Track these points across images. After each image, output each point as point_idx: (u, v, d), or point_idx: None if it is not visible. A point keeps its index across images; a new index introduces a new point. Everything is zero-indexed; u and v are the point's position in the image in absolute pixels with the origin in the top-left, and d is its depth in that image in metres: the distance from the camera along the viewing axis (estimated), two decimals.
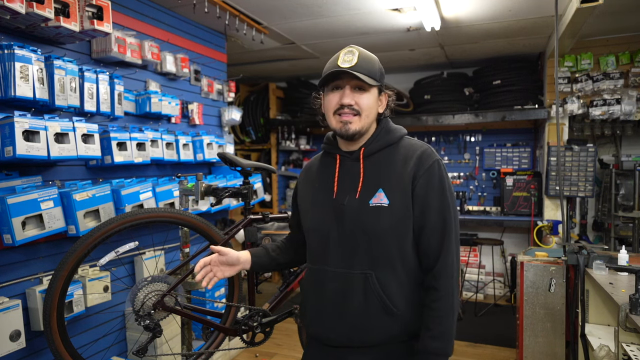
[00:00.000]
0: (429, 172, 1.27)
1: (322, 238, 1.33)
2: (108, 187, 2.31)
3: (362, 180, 1.29)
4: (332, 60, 1.30)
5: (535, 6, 3.20)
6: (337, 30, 3.75)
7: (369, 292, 1.24)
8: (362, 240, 1.26)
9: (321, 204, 1.35)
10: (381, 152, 1.33)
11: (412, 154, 1.30)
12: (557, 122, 2.77)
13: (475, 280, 4.96)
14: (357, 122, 1.27)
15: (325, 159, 1.43)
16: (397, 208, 1.25)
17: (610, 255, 2.37)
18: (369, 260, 1.26)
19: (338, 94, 1.28)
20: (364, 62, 1.26)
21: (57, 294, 1.83)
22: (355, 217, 1.27)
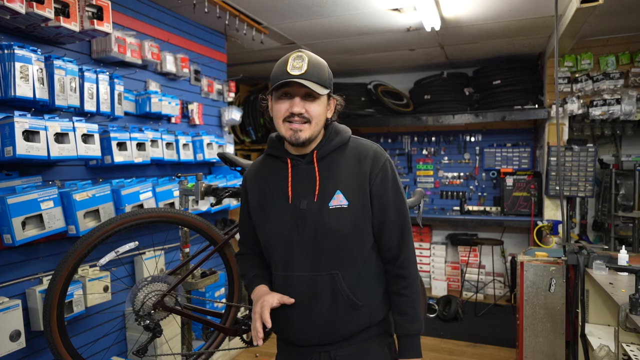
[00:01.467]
0: (384, 171, 1.33)
1: (284, 245, 1.32)
2: (108, 187, 2.31)
3: (318, 183, 1.29)
4: (280, 65, 1.27)
5: (535, 6, 3.20)
6: (337, 30, 3.75)
7: (336, 292, 1.28)
8: (326, 243, 1.28)
9: (278, 211, 1.33)
10: (333, 154, 1.34)
11: (365, 154, 1.34)
12: (557, 122, 2.77)
13: (475, 280, 4.96)
14: (308, 129, 1.26)
15: (273, 163, 1.39)
16: (357, 207, 1.29)
17: (610, 255, 2.37)
18: (334, 261, 1.28)
19: (288, 102, 1.26)
20: (314, 69, 1.24)
21: (57, 294, 1.83)
22: (316, 221, 1.28)
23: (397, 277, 1.36)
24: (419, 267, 5.27)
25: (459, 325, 4.13)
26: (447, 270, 5.26)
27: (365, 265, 1.34)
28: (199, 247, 2.30)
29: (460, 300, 4.44)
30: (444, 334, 3.92)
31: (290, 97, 1.26)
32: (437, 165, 5.53)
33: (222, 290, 3.27)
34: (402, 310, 1.35)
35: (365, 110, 5.25)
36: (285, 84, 1.24)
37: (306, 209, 1.29)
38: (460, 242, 5.17)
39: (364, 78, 5.54)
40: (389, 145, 5.75)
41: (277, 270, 1.35)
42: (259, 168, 1.44)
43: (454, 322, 4.20)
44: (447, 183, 5.48)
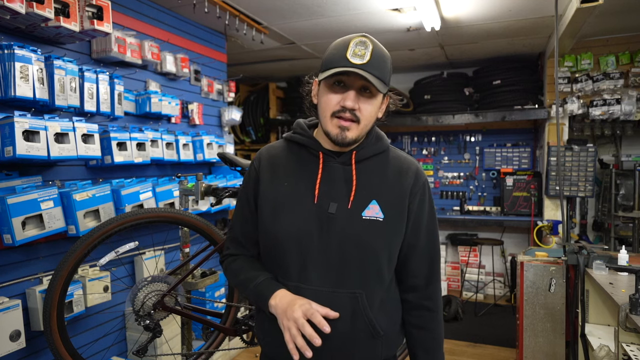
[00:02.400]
0: (423, 191, 1.21)
1: (301, 250, 1.12)
2: (108, 187, 2.31)
3: (355, 188, 1.14)
4: (339, 48, 1.09)
5: (535, 6, 3.20)
6: (337, 30, 3.75)
7: (357, 315, 1.12)
8: (354, 257, 1.12)
9: (298, 209, 1.14)
10: (371, 160, 1.19)
11: (406, 168, 1.21)
12: (557, 122, 2.77)
13: (475, 280, 4.96)
14: (355, 130, 1.11)
15: (298, 152, 1.21)
16: (393, 223, 1.15)
17: (610, 255, 2.37)
18: (360, 279, 1.13)
19: (340, 93, 1.10)
20: (377, 61, 1.07)
21: (57, 294, 1.83)
22: (346, 229, 1.11)
23: (422, 309, 1.22)
24: None
25: (459, 325, 4.13)
26: (447, 270, 5.26)
27: (389, 289, 1.20)
28: (199, 247, 2.30)
29: (460, 300, 4.44)
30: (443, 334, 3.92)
31: (344, 88, 1.10)
32: (437, 165, 5.53)
33: (222, 290, 3.27)
34: (427, 346, 1.22)
35: None
36: (342, 72, 1.06)
37: (335, 214, 1.12)
38: (460, 242, 5.17)
39: None
40: None
41: (287, 279, 1.14)
42: (278, 154, 1.24)
43: (454, 322, 4.20)
44: (447, 183, 5.48)
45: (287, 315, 1.04)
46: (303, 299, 1.07)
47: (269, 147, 1.28)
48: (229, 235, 1.31)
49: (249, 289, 1.18)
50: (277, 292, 1.11)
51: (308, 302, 1.05)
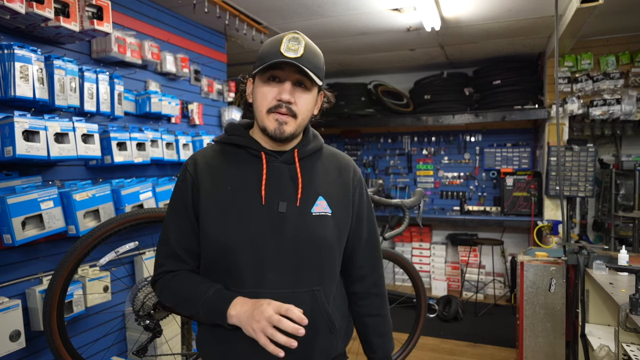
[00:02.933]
0: (361, 184, 1.26)
1: (255, 255, 1.09)
2: (108, 187, 2.31)
3: (301, 185, 1.14)
4: (272, 44, 1.10)
5: (535, 6, 3.20)
6: (337, 30, 3.75)
7: (316, 312, 1.12)
8: (309, 254, 1.12)
9: (247, 212, 1.11)
10: (312, 157, 1.21)
11: (345, 164, 1.26)
12: (557, 122, 2.77)
13: (475, 280, 4.96)
14: (292, 124, 1.11)
15: (235, 154, 1.18)
16: (340, 217, 1.18)
17: (611, 255, 2.37)
18: (317, 275, 1.13)
19: (276, 88, 1.10)
20: (310, 55, 1.10)
21: (57, 294, 1.83)
22: (298, 227, 1.11)
23: (372, 297, 1.27)
24: (419, 267, 5.27)
25: (459, 325, 4.13)
26: (447, 270, 5.26)
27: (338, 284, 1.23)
28: None
29: (460, 300, 4.44)
30: (444, 334, 3.92)
31: (280, 82, 1.10)
32: (437, 165, 5.53)
33: None
34: (381, 332, 1.28)
35: (365, 110, 5.25)
36: (276, 65, 1.07)
37: (286, 213, 1.11)
38: (460, 242, 5.17)
39: (364, 78, 5.54)
40: (389, 145, 5.75)
41: (242, 286, 1.09)
42: (214, 158, 1.19)
43: (454, 322, 4.20)
44: (447, 183, 5.48)
45: (256, 319, 0.99)
46: (265, 300, 1.03)
47: (202, 153, 1.21)
48: (162, 252, 1.18)
49: (198, 306, 1.08)
50: (235, 300, 1.06)
51: (273, 301, 1.01)
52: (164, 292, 1.17)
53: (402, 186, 5.67)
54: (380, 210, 4.92)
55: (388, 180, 5.73)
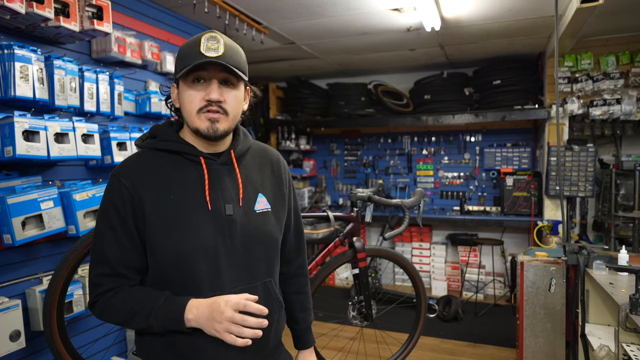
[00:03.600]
0: (289, 176, 1.35)
1: (209, 260, 1.10)
2: None
3: (241, 186, 1.18)
4: (191, 46, 1.09)
5: (535, 6, 3.20)
6: (337, 30, 3.75)
7: (269, 299, 1.20)
8: (257, 250, 1.18)
9: (195, 219, 1.10)
10: (246, 155, 1.24)
11: (275, 158, 1.32)
12: (557, 122, 2.77)
13: (475, 280, 4.96)
14: (225, 121, 1.11)
15: (172, 161, 1.15)
16: (278, 211, 1.26)
17: (611, 255, 2.37)
18: (266, 267, 1.21)
19: (203, 89, 1.09)
20: (231, 52, 1.11)
21: (57, 294, 1.83)
22: (246, 227, 1.15)
23: (298, 277, 1.43)
24: (419, 267, 5.24)
25: (459, 325, 4.13)
26: (447, 270, 5.26)
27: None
28: None
29: (460, 300, 4.44)
30: (444, 334, 3.92)
31: (205, 83, 1.10)
32: (437, 165, 5.53)
33: None
34: (305, 307, 1.44)
35: (365, 110, 5.25)
36: (200, 66, 1.07)
37: (233, 215, 1.14)
38: (460, 242, 5.17)
39: (364, 78, 5.54)
40: (389, 145, 5.75)
41: (200, 293, 1.09)
42: (149, 165, 1.14)
43: (454, 322, 4.20)
44: (447, 183, 5.48)
45: (217, 320, 1.00)
46: (219, 297, 1.04)
47: (134, 162, 1.15)
48: (99, 272, 1.11)
49: (150, 318, 1.06)
50: (189, 304, 1.05)
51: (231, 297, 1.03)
52: (104, 312, 1.12)
53: (402, 186, 5.67)
54: (380, 210, 4.92)
55: (388, 180, 5.74)
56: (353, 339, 3.13)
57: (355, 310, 2.49)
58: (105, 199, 1.13)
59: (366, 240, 5.74)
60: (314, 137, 6.08)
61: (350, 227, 2.43)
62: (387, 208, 4.69)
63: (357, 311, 2.49)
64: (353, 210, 2.45)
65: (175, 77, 1.15)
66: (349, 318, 2.52)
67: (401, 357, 2.61)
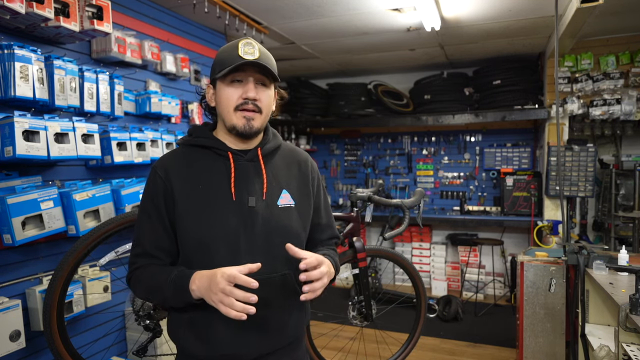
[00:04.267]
0: (319, 176, 1.43)
1: (230, 247, 1.19)
2: (108, 187, 2.31)
3: (266, 181, 1.26)
4: (229, 50, 1.21)
5: (535, 6, 3.20)
6: (337, 30, 3.75)
7: (288, 292, 1.24)
8: (278, 242, 1.22)
9: (219, 209, 1.20)
10: (273, 154, 1.33)
11: (303, 158, 1.39)
12: (557, 122, 2.77)
13: (475, 280, 4.96)
14: (259, 119, 1.23)
15: (202, 155, 1.27)
16: (303, 207, 1.32)
17: (611, 255, 2.37)
18: (286, 260, 1.24)
19: (240, 88, 1.21)
20: (265, 56, 1.22)
21: (57, 294, 1.83)
22: (268, 219, 1.23)
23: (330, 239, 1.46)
24: (419, 267, 5.24)
25: (459, 325, 4.13)
26: (447, 270, 5.26)
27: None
28: None
29: (460, 300, 4.44)
30: (444, 334, 3.92)
31: (242, 83, 1.21)
32: (437, 165, 5.53)
33: None
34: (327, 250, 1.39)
35: (365, 110, 5.25)
36: (239, 67, 1.18)
37: (256, 207, 1.22)
38: (460, 242, 5.17)
39: (364, 78, 5.54)
40: (389, 145, 5.75)
41: None
42: (181, 160, 1.27)
43: (454, 322, 4.20)
44: (447, 183, 5.48)
45: (212, 290, 1.07)
46: (218, 270, 1.08)
47: (170, 156, 1.29)
48: (134, 252, 1.26)
49: (165, 290, 1.16)
50: (194, 275, 1.13)
51: (227, 269, 1.07)
52: (136, 286, 1.26)
53: (402, 186, 5.67)
54: (380, 210, 4.92)
55: (388, 180, 5.74)
56: (353, 339, 3.13)
57: (355, 310, 2.49)
58: (144, 189, 1.28)
59: (366, 240, 5.74)
60: (314, 137, 6.08)
61: (350, 227, 2.43)
62: (387, 208, 4.68)
63: (357, 311, 2.49)
64: (353, 210, 2.45)
65: (213, 78, 1.25)
66: (349, 318, 2.52)
67: (401, 357, 2.61)
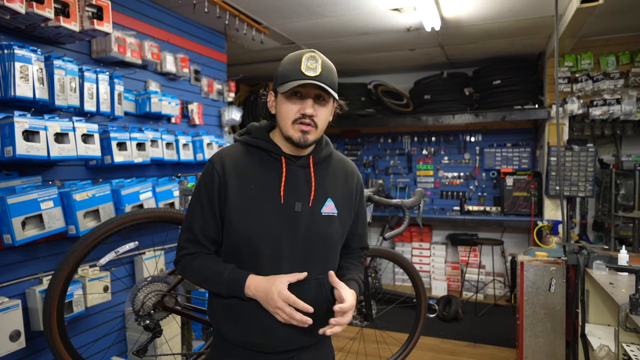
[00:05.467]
0: (362, 189, 1.45)
1: (273, 247, 1.25)
2: (108, 187, 2.31)
3: (314, 188, 1.30)
4: (293, 63, 1.23)
5: (535, 6, 3.20)
6: (337, 30, 3.75)
7: (320, 297, 1.28)
8: (317, 248, 1.28)
9: (267, 209, 1.26)
10: (324, 162, 1.37)
11: (351, 169, 1.43)
12: (557, 122, 2.77)
13: (475, 280, 4.96)
14: (314, 133, 1.26)
15: (259, 156, 1.32)
16: (344, 217, 1.35)
17: (611, 255, 2.37)
18: (322, 266, 1.30)
19: (299, 103, 1.24)
20: (327, 72, 1.23)
21: (57, 294, 1.83)
22: (310, 225, 1.27)
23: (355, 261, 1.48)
24: (418, 267, 5.24)
25: (459, 325, 4.13)
26: (447, 270, 5.26)
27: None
28: None
29: (460, 300, 4.44)
30: (444, 334, 3.92)
31: (302, 98, 1.24)
32: (437, 165, 5.53)
33: None
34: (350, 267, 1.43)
35: (365, 110, 5.25)
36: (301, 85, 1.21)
37: (301, 212, 1.27)
38: (460, 242, 5.17)
39: (364, 78, 5.54)
40: (389, 145, 5.75)
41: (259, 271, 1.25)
42: (240, 158, 1.32)
43: (454, 322, 4.20)
44: (447, 183, 5.48)
45: (270, 304, 1.19)
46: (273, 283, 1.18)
47: (228, 152, 1.33)
48: (185, 237, 1.33)
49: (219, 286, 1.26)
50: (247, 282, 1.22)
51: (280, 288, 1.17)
52: (186, 271, 1.33)
53: (402, 186, 5.67)
54: (380, 210, 4.92)
55: (388, 180, 5.74)
56: (353, 339, 3.13)
57: (355, 310, 2.50)
58: (200, 179, 1.32)
59: None
60: None
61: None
62: (387, 208, 4.68)
63: (357, 311, 2.50)
64: None
65: (274, 88, 1.29)
66: None
67: (401, 357, 2.61)
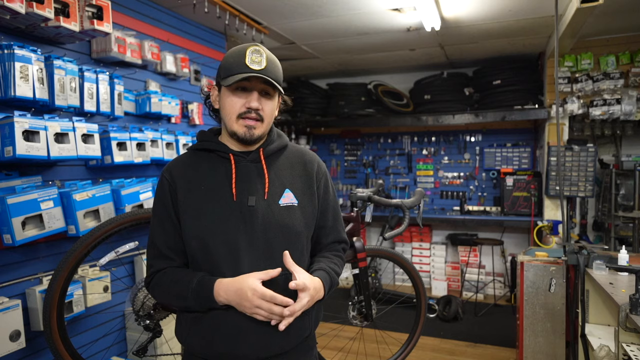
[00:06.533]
0: (326, 177, 1.40)
1: (230, 247, 1.20)
2: (108, 187, 2.31)
3: (267, 180, 1.27)
4: (236, 57, 1.21)
5: (535, 6, 3.20)
6: (337, 30, 3.75)
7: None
8: (279, 241, 1.23)
9: (219, 209, 1.22)
10: (277, 154, 1.35)
11: (309, 158, 1.38)
12: (557, 122, 2.77)
13: (475, 280, 4.96)
14: (260, 127, 1.25)
15: (206, 158, 1.30)
16: (306, 207, 1.31)
17: (611, 255, 2.37)
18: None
19: (245, 97, 1.22)
20: (272, 66, 1.22)
21: (57, 294, 1.83)
22: (267, 218, 1.23)
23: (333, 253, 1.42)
24: (419, 267, 5.25)
25: (459, 325, 4.13)
26: (447, 270, 5.26)
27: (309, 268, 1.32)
28: None
29: (460, 300, 4.44)
30: (444, 334, 3.92)
31: (247, 91, 1.22)
32: (437, 165, 5.53)
33: None
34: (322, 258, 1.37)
35: (365, 110, 5.25)
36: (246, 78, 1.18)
37: (255, 206, 1.23)
38: (460, 242, 5.17)
39: (364, 78, 5.54)
40: (389, 145, 5.75)
41: (223, 276, 1.20)
42: (186, 163, 1.31)
43: (454, 322, 4.20)
44: (447, 183, 5.48)
45: (246, 306, 1.13)
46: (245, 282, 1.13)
47: (176, 160, 1.34)
48: (150, 254, 1.30)
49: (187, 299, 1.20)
50: (216, 287, 1.17)
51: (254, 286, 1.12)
52: (156, 290, 1.29)
53: (402, 186, 5.67)
54: (380, 210, 4.92)
55: (388, 180, 5.74)
56: (353, 339, 3.13)
57: (355, 310, 2.49)
58: (155, 193, 1.33)
59: (366, 240, 5.74)
60: (314, 137, 6.08)
61: (350, 227, 2.43)
62: (387, 208, 4.69)
63: (357, 311, 2.49)
64: (353, 210, 2.45)
65: (218, 82, 1.26)
66: (349, 318, 2.52)
67: (401, 357, 2.61)
